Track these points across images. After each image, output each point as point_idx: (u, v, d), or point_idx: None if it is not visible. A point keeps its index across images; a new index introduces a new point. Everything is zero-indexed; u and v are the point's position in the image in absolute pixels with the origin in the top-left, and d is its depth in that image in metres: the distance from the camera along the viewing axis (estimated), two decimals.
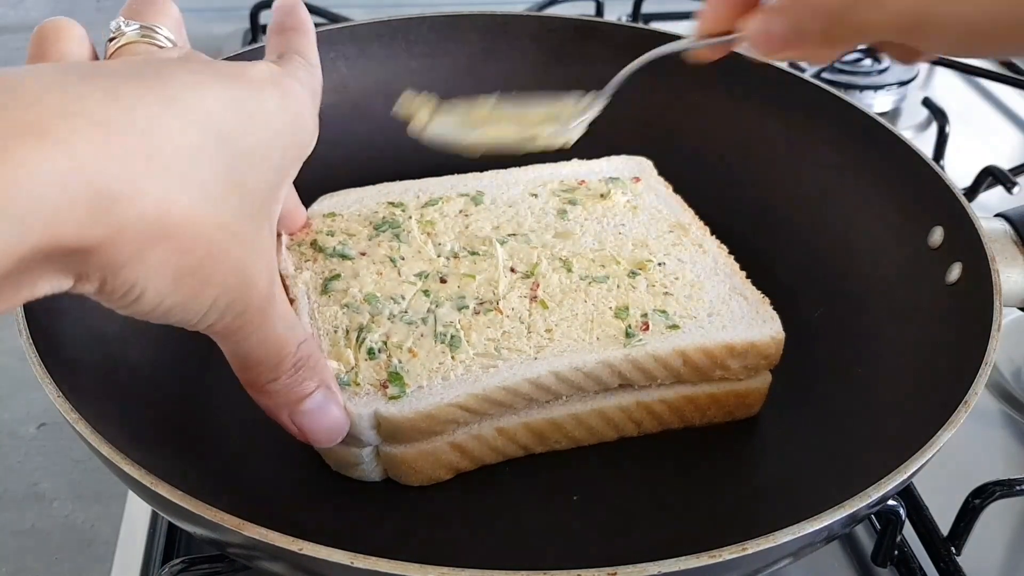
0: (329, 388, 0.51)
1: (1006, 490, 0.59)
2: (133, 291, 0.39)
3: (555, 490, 0.60)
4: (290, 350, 0.48)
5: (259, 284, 0.44)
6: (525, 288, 0.63)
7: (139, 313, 0.40)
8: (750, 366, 0.62)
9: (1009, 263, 0.62)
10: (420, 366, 0.57)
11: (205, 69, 0.42)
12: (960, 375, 0.53)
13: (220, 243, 0.40)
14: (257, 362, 0.47)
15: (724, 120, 0.82)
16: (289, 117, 0.45)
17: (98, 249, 0.36)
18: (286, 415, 0.50)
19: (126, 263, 0.37)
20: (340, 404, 0.53)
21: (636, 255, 0.66)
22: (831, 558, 0.62)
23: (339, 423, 0.53)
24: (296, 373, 0.49)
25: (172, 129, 0.38)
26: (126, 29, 0.47)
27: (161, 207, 0.37)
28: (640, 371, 0.60)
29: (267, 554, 0.43)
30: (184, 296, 0.40)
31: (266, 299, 0.45)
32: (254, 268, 0.43)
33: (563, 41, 0.85)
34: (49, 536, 0.65)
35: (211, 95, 0.41)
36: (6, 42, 1.25)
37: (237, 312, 0.44)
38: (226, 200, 0.40)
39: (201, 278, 0.40)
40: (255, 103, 0.43)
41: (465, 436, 0.58)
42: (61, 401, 0.47)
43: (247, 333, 0.45)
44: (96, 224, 0.35)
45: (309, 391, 0.50)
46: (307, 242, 0.67)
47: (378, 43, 0.83)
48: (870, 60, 1.15)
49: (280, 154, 0.45)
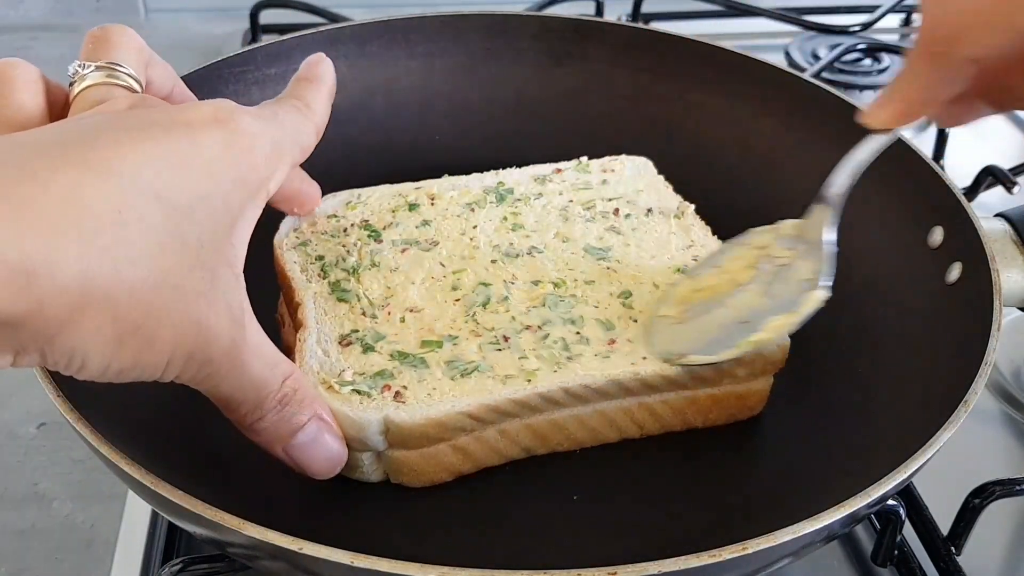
0: (323, 419, 0.51)
1: (1006, 490, 0.59)
2: (75, 359, 0.38)
3: (555, 491, 0.60)
4: (271, 389, 0.47)
5: (218, 333, 0.43)
6: (537, 299, 0.63)
7: (93, 377, 0.40)
8: (756, 372, 0.62)
9: (1009, 263, 0.62)
10: (430, 375, 0.57)
11: (139, 123, 0.41)
12: (960, 375, 0.53)
13: (159, 302, 0.39)
14: (238, 403, 0.47)
15: (724, 120, 0.82)
16: (233, 158, 0.44)
17: (24, 323, 0.35)
18: (280, 450, 0.50)
19: (57, 333, 0.37)
20: (337, 434, 0.52)
21: (651, 265, 0.66)
22: (831, 558, 0.62)
23: (335, 454, 0.52)
24: (283, 409, 0.48)
25: (93, 197, 0.37)
26: (84, 72, 0.47)
27: (83, 276, 0.36)
28: (648, 387, 0.60)
29: (267, 554, 0.43)
30: (131, 358, 0.40)
31: (232, 345, 0.44)
32: (209, 319, 0.42)
33: (563, 41, 0.85)
34: (49, 536, 0.65)
35: (140, 153, 0.39)
36: (6, 42, 1.25)
37: (200, 363, 0.43)
38: (162, 258, 0.39)
39: (145, 338, 0.40)
40: (192, 150, 0.41)
41: (467, 438, 0.58)
42: (61, 401, 0.47)
43: (218, 380, 0.45)
44: (16, 299, 0.35)
45: (300, 424, 0.50)
46: (314, 243, 0.66)
47: (378, 43, 0.83)
48: (870, 60, 1.15)
49: (223, 198, 0.43)
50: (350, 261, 0.65)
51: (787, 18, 1.20)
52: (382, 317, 0.61)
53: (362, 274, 0.64)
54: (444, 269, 0.64)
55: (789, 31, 1.23)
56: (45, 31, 1.27)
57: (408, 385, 0.56)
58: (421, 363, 0.58)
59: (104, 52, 0.48)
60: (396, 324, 0.60)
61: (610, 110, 0.85)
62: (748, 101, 0.81)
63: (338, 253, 0.65)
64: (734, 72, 0.81)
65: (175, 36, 1.24)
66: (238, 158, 0.44)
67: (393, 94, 0.84)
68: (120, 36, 0.49)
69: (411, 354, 0.58)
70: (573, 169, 0.75)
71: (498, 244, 0.67)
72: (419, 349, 0.59)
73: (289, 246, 0.66)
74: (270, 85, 0.79)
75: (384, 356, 0.58)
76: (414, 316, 0.61)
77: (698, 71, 0.83)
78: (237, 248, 0.45)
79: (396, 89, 0.84)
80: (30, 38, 1.25)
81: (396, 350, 0.58)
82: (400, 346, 0.59)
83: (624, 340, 0.60)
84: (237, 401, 0.47)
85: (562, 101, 0.85)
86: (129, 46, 0.49)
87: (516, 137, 0.84)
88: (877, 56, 1.15)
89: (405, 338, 0.59)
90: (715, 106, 0.82)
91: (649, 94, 0.84)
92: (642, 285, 0.64)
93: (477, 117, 0.85)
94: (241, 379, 0.46)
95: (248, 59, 0.78)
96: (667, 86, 0.84)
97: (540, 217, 0.70)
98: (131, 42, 0.49)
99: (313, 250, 0.66)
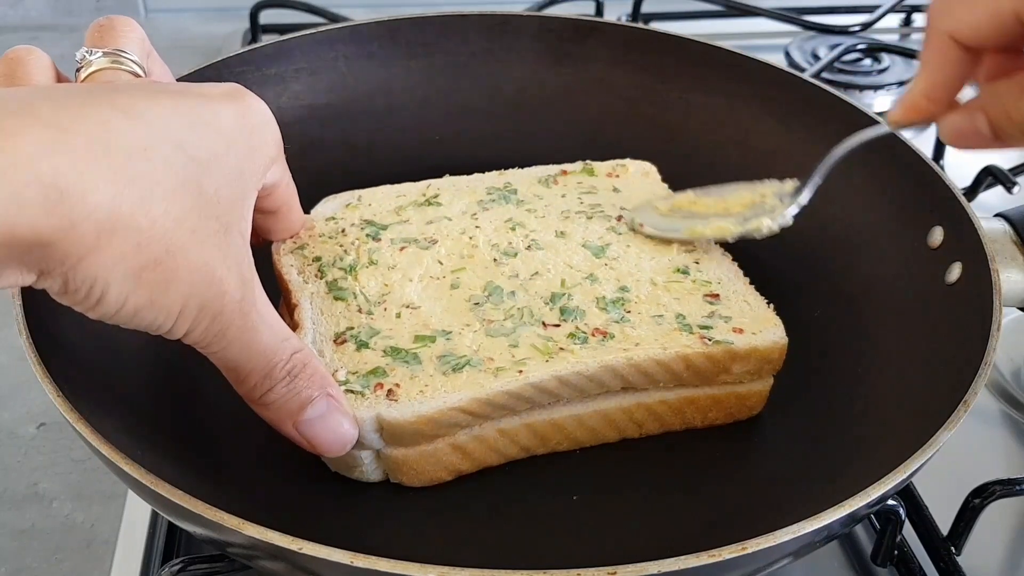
0: (332, 397, 0.51)
1: (1006, 490, 0.59)
2: (95, 289, 0.40)
3: (555, 490, 0.60)
4: (280, 358, 0.48)
5: (229, 287, 0.44)
6: (535, 294, 0.63)
7: (107, 315, 0.41)
8: (753, 371, 0.62)
9: (1009, 263, 0.62)
10: (422, 371, 0.57)
11: (159, 87, 0.44)
12: (960, 375, 0.53)
13: (178, 240, 0.41)
14: (248, 372, 0.48)
15: (724, 120, 0.82)
16: (247, 130, 0.47)
17: (53, 242, 0.37)
18: (290, 426, 0.50)
19: (83, 257, 0.38)
20: (347, 413, 0.53)
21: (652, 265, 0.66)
22: (831, 558, 0.62)
23: (346, 431, 0.52)
24: (293, 381, 0.49)
25: (123, 131, 0.39)
26: (91, 57, 0.49)
27: (113, 202, 0.38)
28: (643, 375, 0.59)
29: (267, 554, 0.43)
30: (148, 295, 0.41)
31: (242, 304, 0.45)
32: (221, 270, 0.44)
33: (563, 41, 0.85)
34: (49, 536, 0.65)
35: (164, 104, 0.42)
36: (6, 42, 1.25)
37: (212, 316, 0.44)
38: (181, 199, 0.41)
39: (163, 275, 0.41)
40: (210, 115, 0.45)
41: (466, 438, 0.58)
42: (61, 401, 0.47)
43: (229, 340, 0.46)
44: (49, 217, 0.36)
45: (309, 399, 0.50)
46: (311, 246, 0.66)
47: (378, 43, 0.83)
48: (870, 60, 1.15)
49: (237, 163, 0.46)
50: (348, 260, 0.65)
51: (787, 18, 1.20)
52: (378, 313, 0.61)
53: (359, 272, 0.64)
54: (443, 267, 0.64)
55: (789, 31, 1.23)
56: (45, 31, 1.27)
57: (400, 383, 0.56)
58: (414, 359, 0.58)
59: (111, 39, 0.50)
60: (392, 320, 0.60)
61: (610, 110, 0.85)
62: (748, 101, 0.81)
63: (336, 253, 0.65)
64: (734, 72, 0.81)
65: (175, 36, 1.24)
66: (251, 131, 0.47)
67: (393, 94, 0.84)
68: (124, 26, 0.51)
69: (404, 349, 0.58)
70: (579, 172, 0.75)
71: (497, 243, 0.67)
72: (413, 344, 0.59)
73: (287, 250, 0.66)
74: (270, 85, 0.79)
75: (378, 352, 0.58)
76: (410, 312, 0.61)
77: (698, 71, 0.83)
78: (246, 216, 0.47)
79: (396, 89, 0.84)
80: (30, 38, 1.25)
81: (390, 345, 0.58)
82: (394, 341, 0.59)
83: (619, 332, 0.60)
84: (247, 370, 0.48)
85: (562, 101, 0.85)
86: (133, 36, 0.51)
87: (516, 137, 0.84)
88: (877, 56, 1.15)
89: (400, 334, 0.59)
90: (715, 106, 0.82)
91: (649, 94, 0.84)
92: (640, 283, 0.64)
93: (477, 117, 0.85)
94: (251, 344, 0.47)
95: (248, 59, 0.78)
96: (667, 86, 0.84)
97: (542, 217, 0.70)
98: (135, 32, 0.51)
99: (310, 252, 0.66)
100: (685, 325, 0.61)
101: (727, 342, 0.60)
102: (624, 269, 0.65)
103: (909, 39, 1.29)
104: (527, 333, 0.59)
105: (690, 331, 0.61)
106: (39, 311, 0.52)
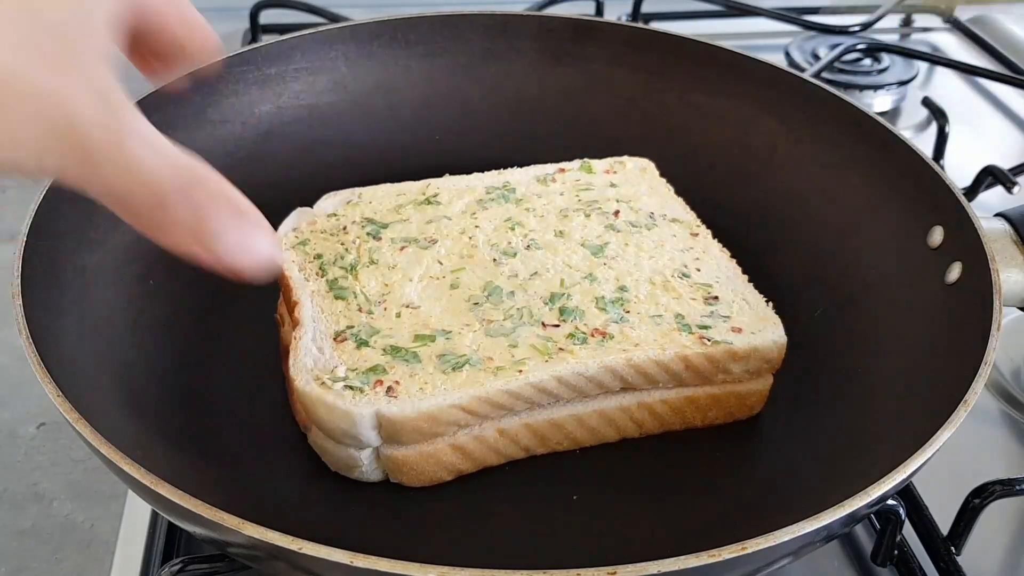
0: (243, 212, 0.46)
1: (1006, 490, 0.59)
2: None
3: (555, 490, 0.60)
4: (166, 173, 0.43)
5: (86, 110, 0.41)
6: (534, 294, 0.63)
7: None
8: (752, 370, 0.62)
9: (1009, 263, 0.62)
10: (422, 369, 0.57)
11: None
12: (960, 375, 0.53)
13: (16, 68, 0.38)
14: (137, 203, 0.43)
15: (724, 120, 0.82)
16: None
17: None
18: (201, 251, 0.45)
19: None
20: (266, 230, 0.46)
21: (651, 265, 0.66)
22: (831, 558, 0.62)
23: (265, 247, 0.46)
24: (188, 196, 0.44)
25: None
26: None
27: None
28: (642, 375, 0.60)
29: (267, 554, 0.43)
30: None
31: (108, 130, 0.41)
32: (70, 94, 0.40)
33: (563, 41, 0.85)
34: (49, 536, 0.65)
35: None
36: None
37: (74, 144, 0.41)
38: (16, 26, 0.39)
39: (4, 105, 0.38)
40: None
41: (466, 437, 0.58)
42: (61, 401, 0.47)
43: (104, 168, 0.42)
44: None
45: (212, 213, 0.44)
46: (313, 241, 0.66)
47: (378, 43, 0.83)
48: (870, 60, 1.15)
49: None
50: (348, 259, 0.65)
51: (787, 18, 1.20)
52: (378, 313, 0.61)
53: (360, 271, 0.64)
54: (442, 267, 0.64)
55: (789, 31, 1.23)
56: None
57: (400, 380, 0.56)
58: (414, 357, 0.58)
59: None
60: (392, 319, 0.60)
61: (610, 110, 0.85)
62: (748, 101, 0.81)
63: (337, 251, 0.65)
64: (734, 72, 0.81)
65: None
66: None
67: (393, 94, 0.84)
68: None
69: (404, 348, 0.58)
70: (577, 170, 0.75)
71: (496, 243, 0.67)
72: (412, 343, 0.59)
73: (288, 246, 0.66)
74: (270, 85, 0.79)
75: (377, 351, 0.58)
76: (410, 312, 0.61)
77: (698, 71, 0.83)
78: (102, 34, 0.43)
79: (396, 89, 0.84)
80: None
81: (390, 344, 0.58)
82: (394, 341, 0.59)
83: (618, 332, 0.60)
84: (135, 199, 0.43)
85: (562, 101, 0.85)
86: None
87: (516, 137, 0.84)
88: (877, 56, 1.15)
89: (400, 333, 0.59)
90: (715, 106, 0.82)
91: (649, 94, 0.84)
92: (639, 282, 0.64)
93: (477, 117, 0.85)
94: (130, 168, 0.42)
95: (248, 59, 0.78)
96: (667, 86, 0.84)
97: (541, 216, 0.70)
98: None
99: (312, 249, 0.66)
100: (684, 325, 0.61)
101: (726, 342, 0.60)
102: (623, 268, 0.65)
103: (909, 39, 1.29)
104: (526, 333, 0.60)
105: (689, 331, 0.61)
106: (39, 311, 0.52)
